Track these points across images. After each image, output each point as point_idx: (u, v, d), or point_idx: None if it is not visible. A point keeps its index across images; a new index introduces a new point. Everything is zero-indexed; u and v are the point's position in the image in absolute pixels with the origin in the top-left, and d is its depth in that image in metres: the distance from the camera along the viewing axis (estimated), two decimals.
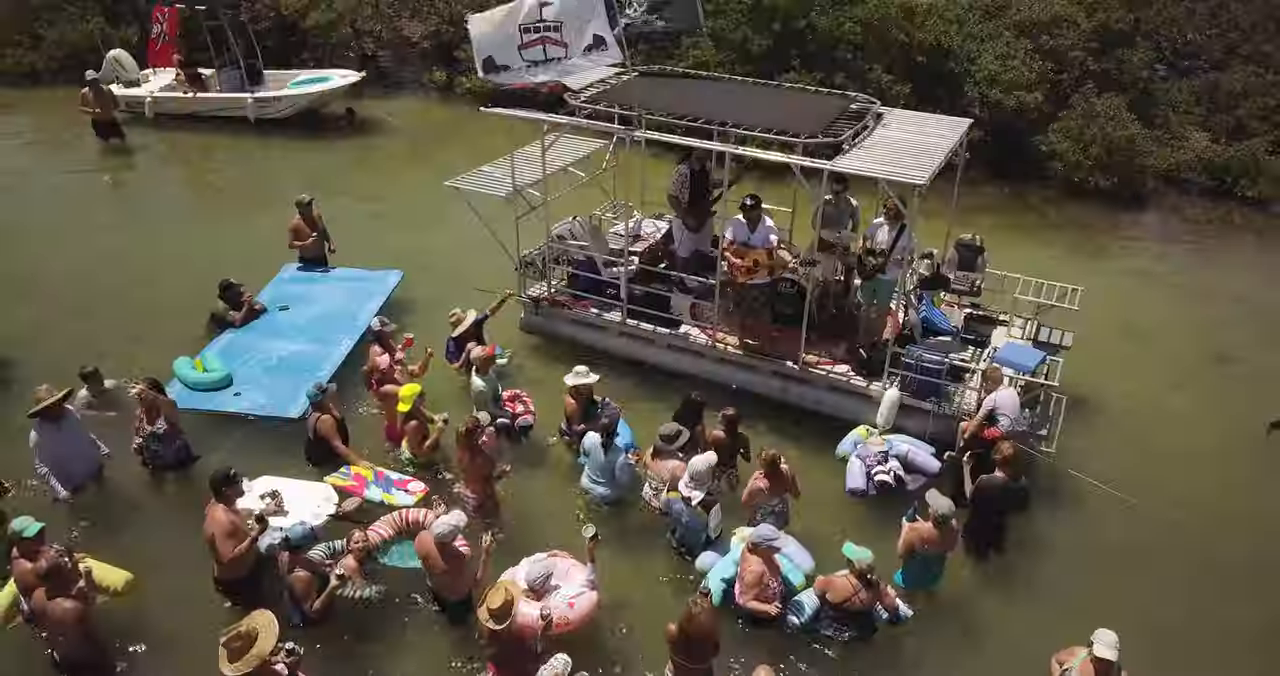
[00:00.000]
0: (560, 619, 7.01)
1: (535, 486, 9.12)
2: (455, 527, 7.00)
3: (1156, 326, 12.42)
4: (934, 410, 9.34)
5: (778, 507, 8.06)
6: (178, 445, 8.93)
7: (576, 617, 7.11)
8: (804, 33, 16.76)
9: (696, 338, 10.38)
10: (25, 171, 16.48)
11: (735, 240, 9.64)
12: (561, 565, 7.43)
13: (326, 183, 15.76)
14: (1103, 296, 12.91)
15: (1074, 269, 13.87)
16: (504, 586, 6.55)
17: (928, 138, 9.46)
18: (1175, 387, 11.08)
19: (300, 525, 7.06)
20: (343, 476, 8.56)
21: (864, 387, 9.64)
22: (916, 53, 16.86)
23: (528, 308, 11.15)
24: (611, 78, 10.62)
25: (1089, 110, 16.44)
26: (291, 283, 11.97)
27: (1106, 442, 10.05)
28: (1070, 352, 10.47)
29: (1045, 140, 16.67)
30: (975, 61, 16.93)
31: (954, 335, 9.72)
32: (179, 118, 18.55)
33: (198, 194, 16.69)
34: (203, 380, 9.80)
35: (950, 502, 7.29)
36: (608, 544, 8.42)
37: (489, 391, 9.31)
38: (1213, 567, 8.44)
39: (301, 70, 19.42)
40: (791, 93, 10.64)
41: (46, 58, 20.42)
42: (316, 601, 7.01)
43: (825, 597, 7.17)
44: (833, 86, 16.33)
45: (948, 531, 7.34)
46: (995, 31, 17.46)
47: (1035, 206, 16.18)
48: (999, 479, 7.84)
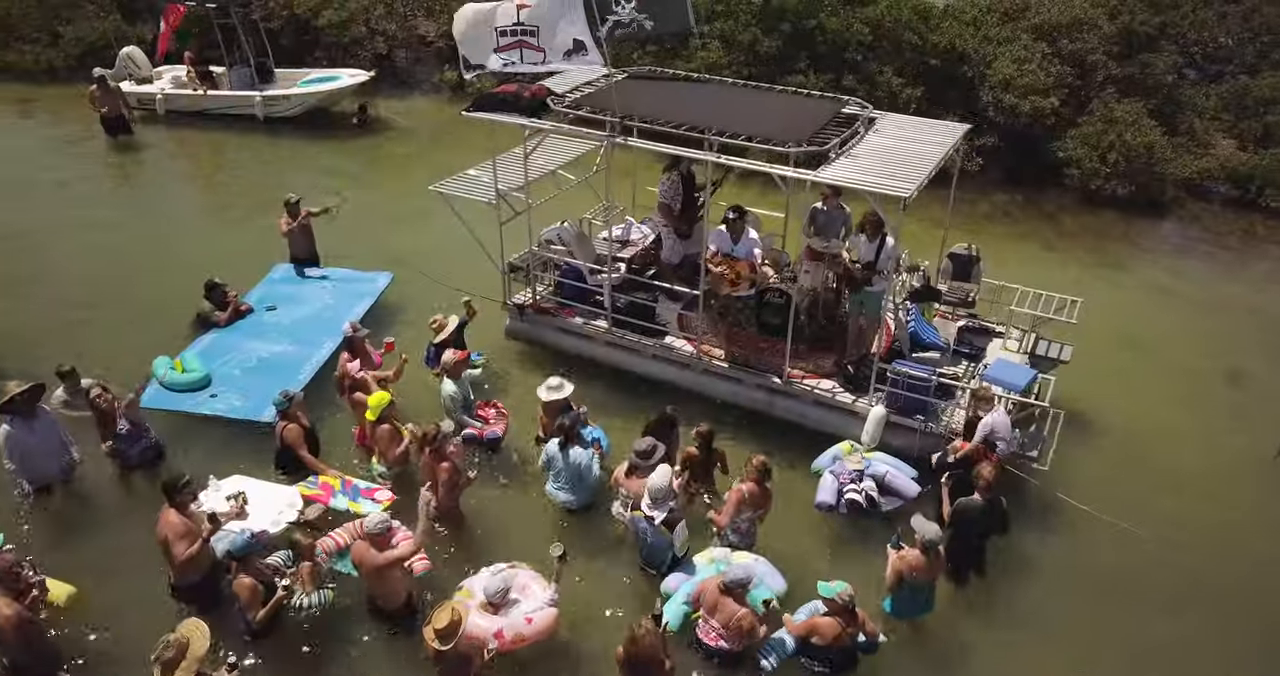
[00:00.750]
0: (515, 635, 6.85)
1: (502, 495, 8.94)
2: (386, 520, 6.84)
3: (1166, 341, 12.00)
4: (920, 428, 9.04)
5: (744, 525, 7.81)
6: (144, 444, 8.88)
7: (533, 633, 6.94)
8: (814, 34, 16.43)
9: (682, 348, 10.15)
10: (34, 166, 16.59)
11: (719, 251, 9.40)
12: (521, 578, 7.25)
13: (332, 182, 15.75)
14: (1112, 308, 12.56)
15: (1085, 279, 13.53)
16: (451, 606, 6.38)
17: (920, 145, 9.16)
18: (1181, 405, 10.67)
19: (241, 533, 6.93)
20: (310, 485, 8.44)
21: (849, 403, 9.36)
22: (929, 55, 16.48)
23: (512, 314, 10.98)
24: (599, 80, 10.41)
25: (1108, 116, 15.97)
26: (281, 283, 11.92)
27: (1104, 462, 9.70)
28: (1073, 367, 10.15)
29: (1062, 146, 16.21)
30: (991, 65, 16.51)
31: (943, 350, 9.41)
32: (189, 115, 18.64)
33: (203, 191, 16.73)
34: (180, 381, 9.73)
35: (937, 529, 7.03)
36: (575, 555, 8.27)
37: (459, 397, 9.16)
38: (1207, 598, 8.08)
39: (312, 69, 19.42)
40: (782, 97, 10.36)
41: (64, 55, 20.59)
42: (261, 611, 6.88)
43: (812, 642, 6.86)
44: (842, 89, 16.03)
45: (935, 558, 7.07)
46: (1013, 34, 17.02)
47: (1049, 214, 15.73)
48: (977, 501, 7.55)
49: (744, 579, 6.76)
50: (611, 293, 10.21)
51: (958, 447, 8.38)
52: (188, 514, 7.26)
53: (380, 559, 6.92)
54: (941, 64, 16.54)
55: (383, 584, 7.09)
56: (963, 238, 14.64)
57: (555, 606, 7.05)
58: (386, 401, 8.53)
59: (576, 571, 8.10)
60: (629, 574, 8.04)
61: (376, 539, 6.91)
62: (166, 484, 7.28)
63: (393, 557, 6.94)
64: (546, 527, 8.54)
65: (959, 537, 7.76)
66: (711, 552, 7.72)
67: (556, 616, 7.07)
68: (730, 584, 6.75)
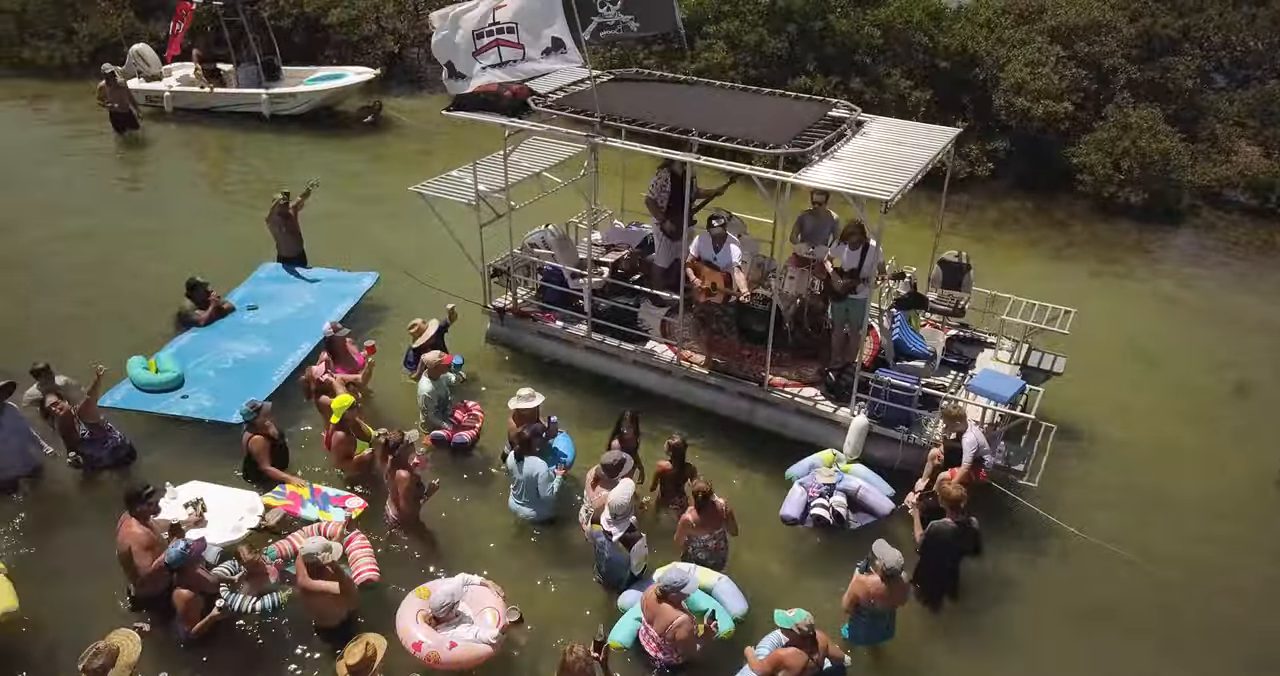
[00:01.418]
0: (430, 653, 6.64)
1: (468, 503, 8.75)
2: (326, 546, 6.65)
3: (1172, 353, 11.58)
4: (903, 439, 8.74)
5: (710, 544, 7.55)
6: (111, 445, 8.77)
7: (449, 660, 6.67)
8: (822, 35, 16.12)
9: (663, 354, 9.91)
10: (40, 161, 16.67)
11: (700, 257, 9.15)
12: (482, 597, 7.02)
13: (334, 180, 15.67)
14: (1119, 319, 12.19)
15: (1093, 288, 13.15)
16: (365, 641, 6.20)
17: (907, 149, 8.87)
18: (1183, 421, 10.27)
19: (175, 544, 6.76)
20: (277, 496, 8.29)
21: (830, 412, 9.08)
22: (940, 58, 16.11)
23: (493, 318, 10.80)
24: (584, 81, 10.21)
25: (1123, 121, 15.51)
26: (266, 282, 11.82)
27: (1098, 480, 9.34)
28: (1072, 379, 9.86)
29: (1075, 152, 15.77)
30: (1003, 68, 16.10)
31: (929, 359, 9.09)
32: (197, 112, 18.69)
33: (206, 188, 16.70)
34: (153, 381, 9.65)
35: (899, 555, 6.66)
36: (538, 565, 8.10)
37: (433, 398, 9.00)
38: (1199, 629, 7.71)
39: (320, 67, 19.39)
40: (769, 99, 10.09)
41: (78, 51, 20.74)
42: (197, 624, 6.73)
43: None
44: (849, 92, 15.76)
45: (896, 585, 6.73)
46: (1027, 37, 16.60)
47: (1059, 222, 15.30)
48: (949, 523, 7.23)
49: (678, 582, 6.50)
50: (592, 297, 10.00)
51: (948, 477, 7.96)
52: (149, 524, 7.13)
53: (308, 585, 6.72)
54: (952, 67, 16.15)
55: (315, 606, 6.90)
56: (968, 245, 14.35)
57: (491, 647, 6.77)
58: (349, 404, 8.39)
59: (541, 578, 7.94)
60: (593, 588, 7.81)
61: (310, 566, 6.70)
62: (129, 493, 7.17)
63: (318, 588, 6.72)
64: (510, 539, 8.34)
65: (931, 560, 7.45)
66: (676, 567, 7.46)
67: (486, 655, 6.75)
68: (665, 588, 6.50)
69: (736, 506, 8.37)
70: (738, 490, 8.95)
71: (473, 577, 7.15)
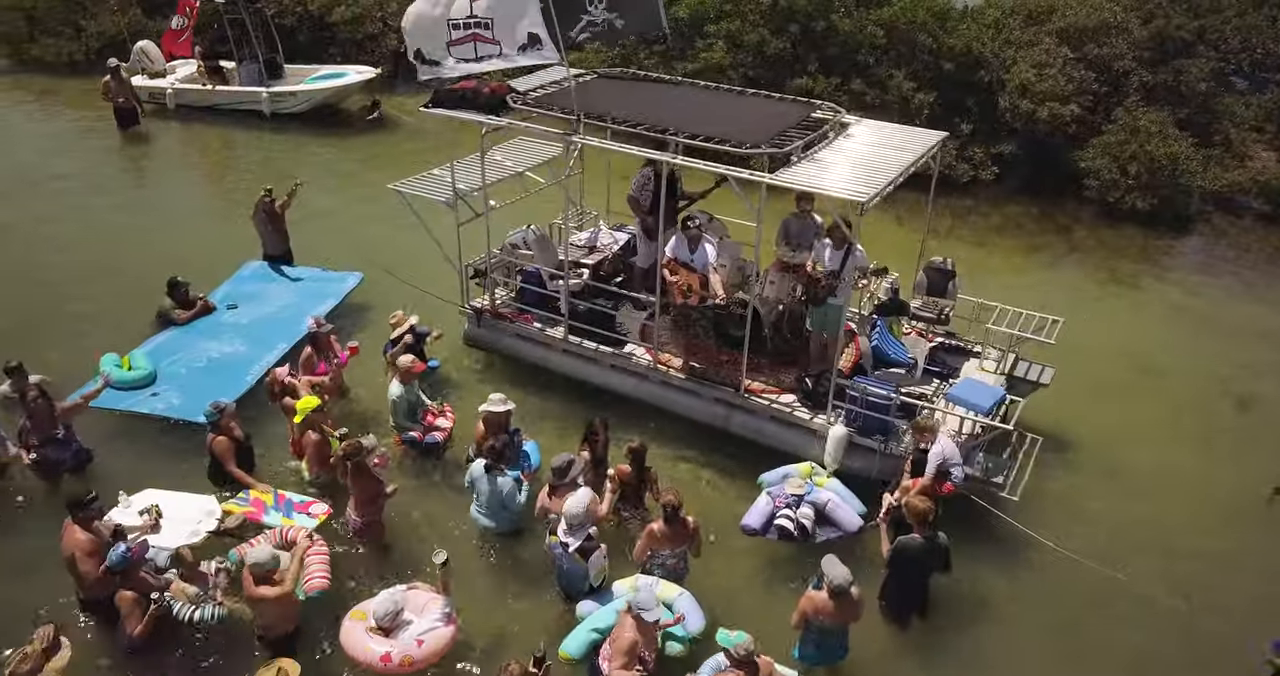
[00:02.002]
0: (404, 659, 6.49)
1: (432, 509, 8.56)
2: (274, 556, 6.50)
3: (1173, 363, 11.24)
4: (880, 449, 8.49)
5: (670, 562, 7.33)
6: (74, 447, 8.67)
7: (423, 656, 6.56)
8: (824, 35, 15.86)
9: (640, 358, 9.71)
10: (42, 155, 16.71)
11: (675, 258, 8.95)
12: (418, 599, 6.88)
13: (328, 178, 15.64)
14: (1118, 327, 11.89)
15: (1093, 296, 12.85)
16: (277, 666, 6.02)
17: (890, 151, 8.65)
18: (1180, 434, 9.93)
19: (116, 549, 6.62)
20: (241, 502, 8.14)
21: (806, 420, 8.84)
22: (944, 59, 15.80)
23: (470, 319, 10.64)
24: (566, 79, 10.04)
25: (1131, 124, 15.14)
26: (249, 280, 11.73)
27: (1086, 494, 9.04)
28: (1066, 389, 9.62)
29: (1082, 156, 15.41)
30: (1009, 70, 15.78)
31: (908, 367, 8.83)
32: (199, 109, 18.70)
33: (203, 185, 16.70)
34: (125, 379, 9.55)
35: (846, 573, 6.39)
36: (498, 575, 7.91)
37: (403, 402, 8.85)
38: (1184, 647, 7.41)
39: (322, 65, 19.35)
40: (753, 99, 9.87)
41: (85, 48, 20.83)
42: (139, 626, 6.60)
43: None
44: (850, 93, 15.51)
45: (846, 603, 6.47)
46: (1035, 38, 16.26)
47: (1063, 227, 14.96)
48: (916, 539, 6.98)
49: (650, 605, 6.28)
50: (570, 299, 9.82)
51: (908, 488, 7.74)
52: (92, 529, 7.01)
53: (254, 592, 6.56)
54: (957, 68, 15.84)
55: (264, 614, 6.74)
56: (968, 250, 14.11)
57: (452, 623, 6.66)
58: (313, 406, 8.24)
59: (499, 588, 7.76)
60: (553, 599, 7.61)
61: (257, 573, 6.55)
62: (71, 500, 7.03)
63: (266, 595, 6.56)
64: (472, 548, 8.13)
65: (899, 577, 7.21)
66: (636, 580, 7.27)
67: (452, 635, 6.67)
68: (635, 605, 6.27)
69: (708, 514, 8.24)
70: (710, 497, 8.75)
71: (396, 589, 6.96)
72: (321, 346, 9.45)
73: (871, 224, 13.57)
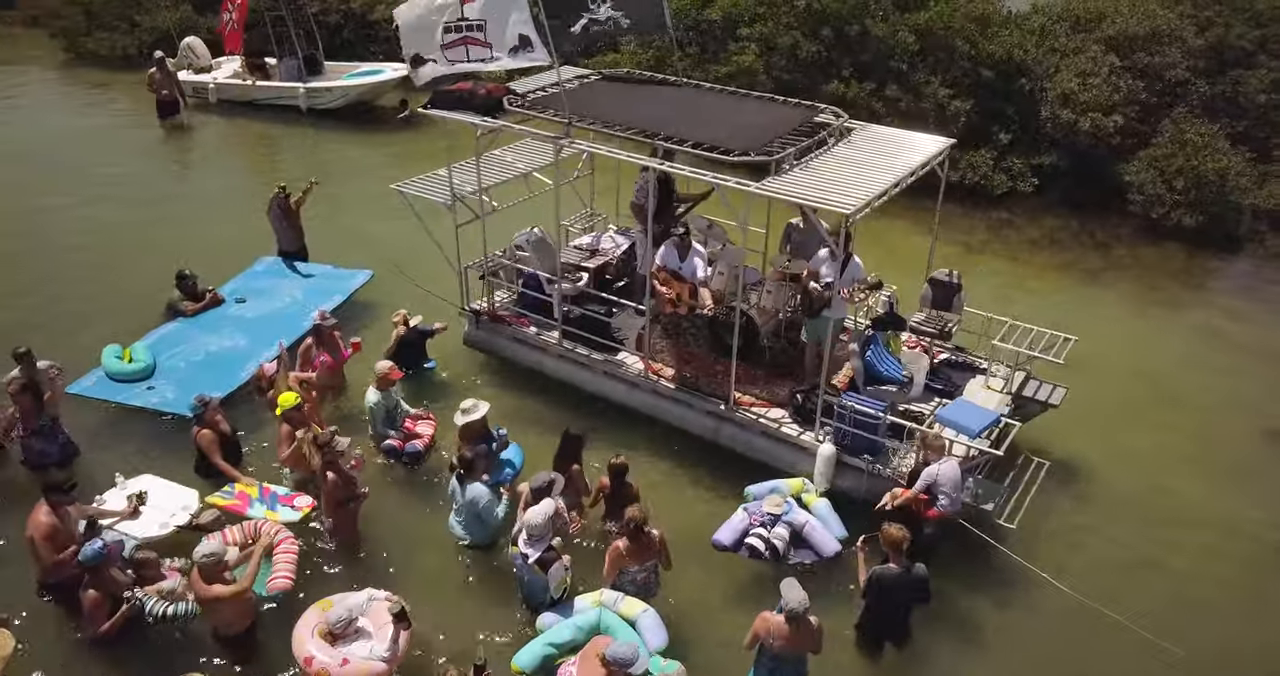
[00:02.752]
0: (321, 669, 6.36)
1: (408, 517, 8.45)
2: (214, 553, 6.44)
3: (1204, 392, 10.64)
4: (868, 469, 8.16)
5: (639, 577, 7.11)
6: (61, 440, 8.75)
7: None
8: (860, 40, 15.46)
9: (632, 366, 9.51)
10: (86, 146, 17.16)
11: (665, 266, 8.73)
12: (384, 615, 6.74)
13: (354, 174, 15.74)
14: (1147, 350, 11.35)
15: (1126, 316, 12.31)
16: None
17: (889, 159, 8.32)
18: (1200, 468, 9.37)
19: (93, 544, 6.65)
20: (226, 495, 8.18)
21: (794, 436, 8.55)
22: (984, 66, 15.27)
23: (470, 321, 10.55)
24: (571, 80, 9.92)
25: (1178, 137, 14.44)
26: (260, 276, 11.82)
27: (1089, 525, 8.60)
28: (1086, 414, 9.31)
29: (1127, 169, 14.75)
30: (1052, 78, 15.20)
31: (902, 384, 8.48)
32: (240, 104, 19.03)
33: (235, 178, 16.92)
34: (123, 371, 9.67)
35: (803, 597, 6.09)
36: (466, 585, 7.78)
37: (380, 409, 8.78)
38: None
39: (362, 63, 19.53)
40: (755, 102, 9.59)
41: (138, 42, 21.38)
42: (105, 624, 6.62)
43: None
44: (884, 99, 15.11)
45: (803, 629, 6.17)
46: (1082, 45, 15.64)
47: (1101, 243, 14.32)
48: (893, 569, 6.66)
49: (628, 660, 5.93)
50: (564, 304, 9.67)
51: (896, 494, 7.48)
52: (60, 515, 7.07)
53: (202, 591, 6.52)
54: (996, 76, 15.30)
55: (214, 613, 6.70)
56: (998, 264, 13.64)
57: (386, 665, 6.45)
58: (293, 403, 8.20)
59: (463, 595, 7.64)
60: (517, 611, 7.45)
61: (204, 570, 6.51)
62: (51, 482, 7.15)
63: (214, 594, 6.52)
64: (444, 557, 7.99)
65: (876, 607, 6.89)
66: (601, 595, 7.07)
67: (377, 672, 6.43)
68: (612, 660, 5.95)
69: (691, 527, 8.03)
70: (695, 511, 8.51)
71: (379, 592, 6.87)
72: (325, 340, 9.47)
73: (894, 234, 13.28)
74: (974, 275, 13.13)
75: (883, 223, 14.05)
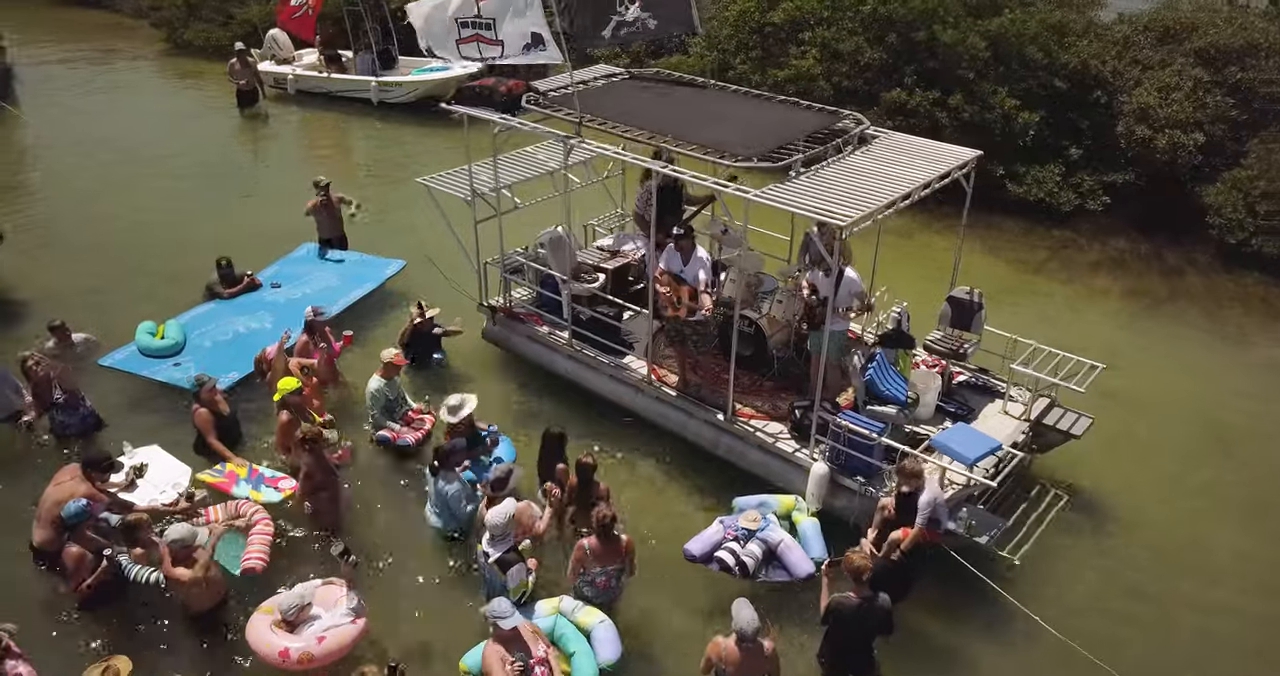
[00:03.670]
0: (303, 655, 6.44)
1: (391, 510, 8.48)
2: (192, 533, 6.56)
3: (1261, 437, 9.78)
4: (860, 491, 7.83)
5: (600, 580, 6.98)
6: (82, 412, 9.09)
7: (323, 653, 6.48)
8: (928, 46, 14.92)
9: (638, 370, 9.38)
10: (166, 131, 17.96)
11: (667, 269, 8.57)
12: (330, 594, 6.83)
13: (413, 166, 15.98)
14: (1209, 387, 10.59)
15: (1185, 349, 11.51)
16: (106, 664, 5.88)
17: (904, 169, 7.96)
18: (1238, 521, 8.60)
19: (76, 502, 6.90)
20: (216, 474, 8.40)
21: (789, 452, 8.28)
22: (1057, 76, 14.56)
23: (487, 317, 10.59)
24: (599, 80, 9.89)
25: (1266, 158, 13.47)
26: (299, 261, 12.13)
27: (1103, 570, 8.04)
28: (1124, 448, 8.98)
29: (1208, 191, 13.84)
30: (1131, 91, 14.38)
31: (903, 405, 8.10)
32: (316, 95, 19.63)
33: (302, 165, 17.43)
34: (153, 346, 10.04)
35: (752, 618, 5.88)
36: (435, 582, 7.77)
37: (380, 397, 8.88)
38: None
39: (432, 59, 19.79)
40: (777, 106, 9.31)
41: (231, 34, 22.23)
42: (86, 580, 6.84)
43: None
44: (947, 109, 14.56)
45: (755, 654, 5.93)
46: (1169, 58, 14.75)
47: (1172, 269, 13.47)
48: (852, 600, 6.34)
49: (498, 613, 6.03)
50: (573, 304, 9.61)
51: (898, 539, 7.03)
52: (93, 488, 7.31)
53: (168, 571, 6.66)
54: (1070, 87, 14.57)
55: (179, 592, 6.84)
56: (1054, 286, 13.02)
57: (358, 619, 6.55)
58: (292, 388, 8.36)
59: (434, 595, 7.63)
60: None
61: (174, 551, 6.65)
62: (93, 456, 7.54)
63: (176, 576, 6.64)
64: (420, 552, 8.00)
65: (834, 637, 6.58)
66: (560, 602, 6.99)
67: (356, 633, 6.57)
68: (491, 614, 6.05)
69: (674, 535, 7.87)
70: (682, 521, 8.32)
71: (311, 583, 6.92)
72: (317, 334, 9.63)
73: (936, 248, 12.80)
74: (1025, 295, 12.62)
75: (926, 236, 13.61)
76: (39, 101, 19.68)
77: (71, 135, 17.66)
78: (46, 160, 16.94)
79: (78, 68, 21.98)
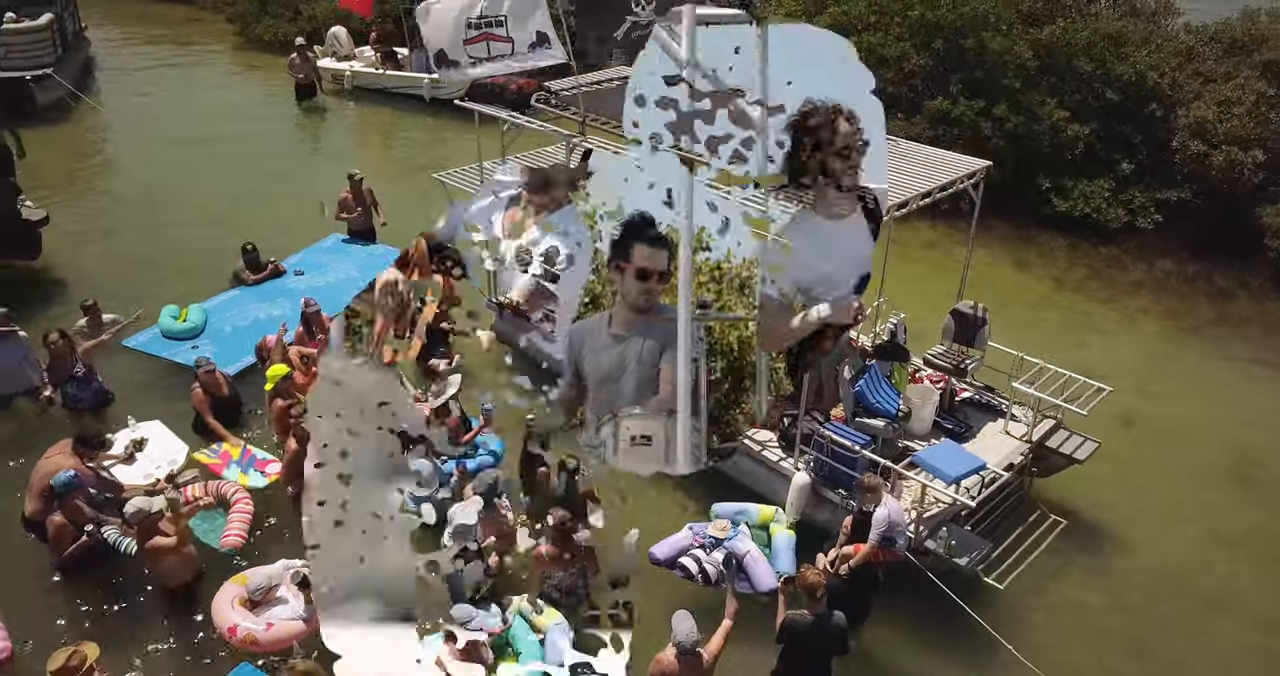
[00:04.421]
0: (246, 636, 6.58)
1: None
2: (143, 511, 6.74)
3: None
4: (841, 504, 7.66)
5: (565, 583, 6.97)
6: (95, 387, 9.42)
7: (267, 640, 6.62)
8: (977, 53, 14.52)
9: None
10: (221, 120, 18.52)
11: None
12: None
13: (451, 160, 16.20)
14: (1242, 420, 10.04)
15: (1224, 379, 10.96)
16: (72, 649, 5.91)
17: (902, 178, 7.76)
18: (1250, 564, 8.19)
19: (65, 472, 7.16)
20: (210, 453, 8.64)
21: (774, 461, 8.14)
22: (1111, 88, 14.02)
23: (495, 312, 10.66)
24: (611, 81, 9.89)
25: None
26: (324, 251, 12.39)
27: (1093, 602, 7.71)
28: (1146, 478, 8.72)
29: (1265, 211, 13.17)
30: (1189, 105, 13.77)
31: (892, 418, 7.89)
32: (373, 91, 20.06)
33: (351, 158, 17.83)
34: (174, 329, 10.36)
35: (691, 628, 5.80)
36: None
37: None
38: None
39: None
40: None
41: (299, 29, 22.85)
42: (68, 549, 7.09)
43: None
44: (992, 119, 14.15)
45: (692, 665, 5.85)
46: (1234, 70, 14.08)
47: (1221, 291, 12.87)
48: (806, 618, 6.19)
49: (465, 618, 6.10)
50: None
51: (848, 554, 6.91)
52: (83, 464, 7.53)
53: (149, 544, 6.81)
54: (1124, 99, 14.02)
55: (155, 566, 7.03)
56: (1091, 306, 12.51)
57: (307, 622, 6.64)
58: (283, 374, 8.53)
59: None
60: None
61: (140, 526, 6.82)
62: (83, 434, 7.72)
63: (155, 545, 6.81)
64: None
65: (788, 656, 6.42)
66: (520, 602, 6.98)
67: (302, 630, 6.66)
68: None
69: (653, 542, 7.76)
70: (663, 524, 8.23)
71: (294, 562, 7.05)
72: (312, 324, 9.83)
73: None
74: (1056, 311, 12.19)
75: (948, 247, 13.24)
76: (115, 91, 20.55)
77: (139, 125, 18.39)
78: (113, 147, 17.68)
79: (154, 59, 22.85)
